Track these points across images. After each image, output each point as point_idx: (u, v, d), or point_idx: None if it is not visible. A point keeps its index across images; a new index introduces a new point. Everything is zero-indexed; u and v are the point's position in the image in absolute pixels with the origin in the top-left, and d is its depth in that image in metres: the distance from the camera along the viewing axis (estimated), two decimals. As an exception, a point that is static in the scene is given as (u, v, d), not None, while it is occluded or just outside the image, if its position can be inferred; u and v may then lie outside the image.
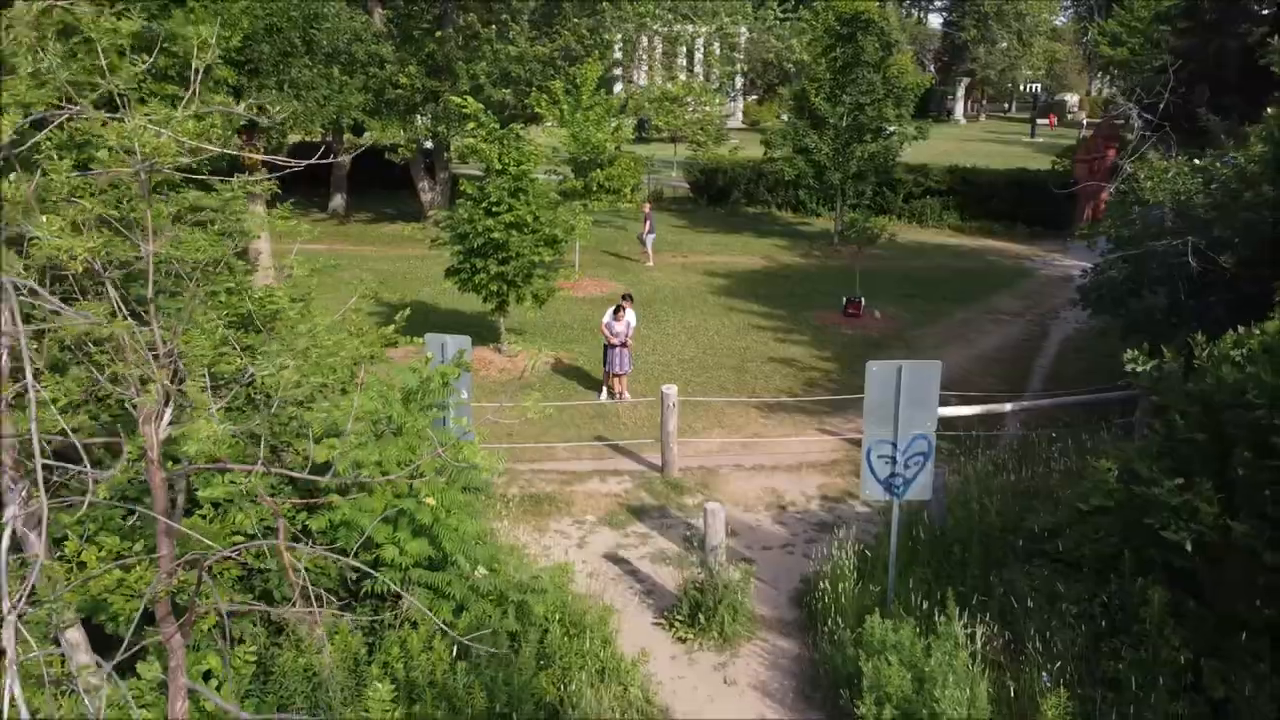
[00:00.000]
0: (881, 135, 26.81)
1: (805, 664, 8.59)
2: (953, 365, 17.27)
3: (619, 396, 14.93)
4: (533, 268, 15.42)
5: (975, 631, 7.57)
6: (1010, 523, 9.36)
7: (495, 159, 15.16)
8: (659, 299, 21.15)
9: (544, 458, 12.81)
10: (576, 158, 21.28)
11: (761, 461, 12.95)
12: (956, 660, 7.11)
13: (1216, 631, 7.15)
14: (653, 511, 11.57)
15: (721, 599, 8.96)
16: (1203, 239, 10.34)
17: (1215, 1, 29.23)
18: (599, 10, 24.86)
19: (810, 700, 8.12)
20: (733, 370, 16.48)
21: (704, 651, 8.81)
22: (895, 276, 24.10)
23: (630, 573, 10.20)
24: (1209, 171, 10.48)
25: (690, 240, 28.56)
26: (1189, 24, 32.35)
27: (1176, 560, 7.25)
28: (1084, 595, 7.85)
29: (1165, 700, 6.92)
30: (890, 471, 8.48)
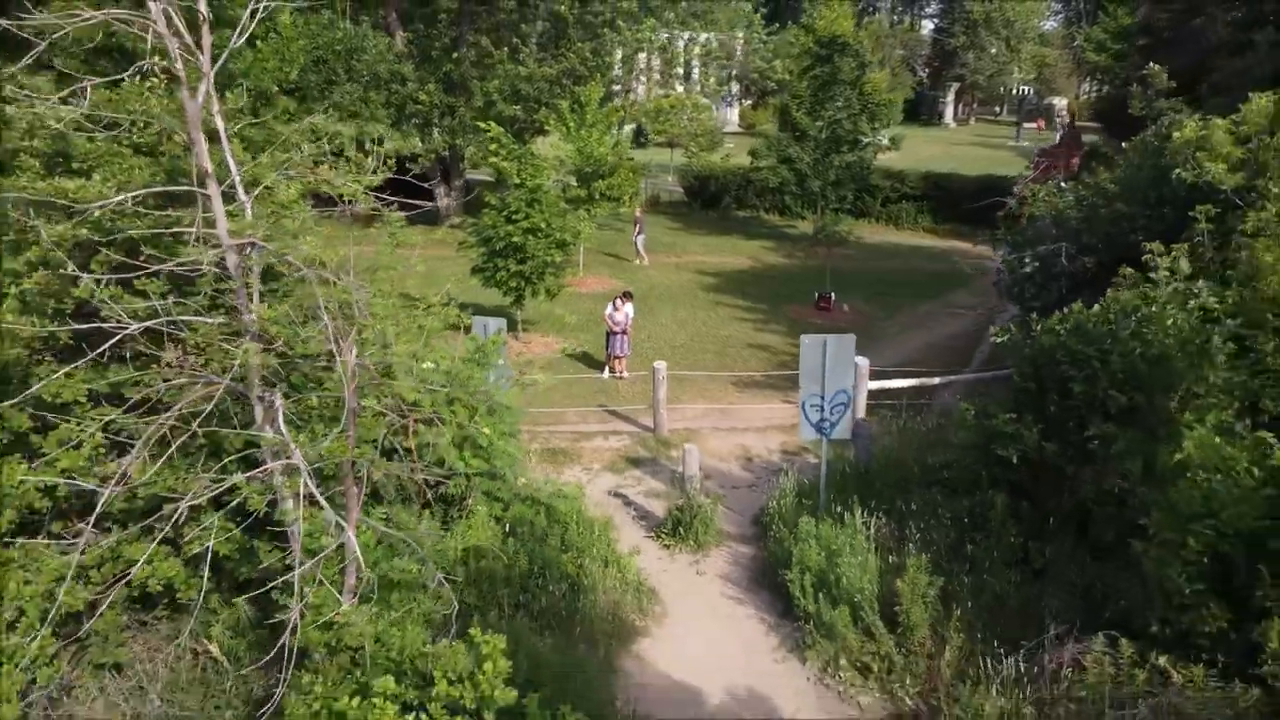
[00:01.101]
0: (858, 146, 29.97)
1: (758, 561, 11.79)
2: (909, 350, 20.54)
3: (619, 374, 18.12)
4: (546, 267, 18.60)
5: (873, 528, 10.76)
6: (916, 460, 12.57)
7: (515, 175, 18.35)
8: (654, 295, 24.32)
9: (558, 421, 15.99)
10: (581, 169, 24.44)
11: (735, 424, 16.15)
12: (855, 542, 10.32)
13: (1038, 522, 10.35)
14: (646, 461, 14.76)
15: (696, 516, 12.17)
16: (1074, 245, 13.56)
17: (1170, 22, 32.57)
18: (600, 34, 28.05)
19: (759, 583, 11.32)
20: (715, 354, 19.67)
21: (682, 554, 12.01)
22: (868, 275, 27.30)
23: (628, 504, 13.39)
24: (1076, 191, 13.69)
25: (684, 241, 31.76)
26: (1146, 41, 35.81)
27: (1013, 475, 10.47)
28: (956, 506, 11.05)
29: (1002, 570, 10.12)
30: (820, 417, 11.69)
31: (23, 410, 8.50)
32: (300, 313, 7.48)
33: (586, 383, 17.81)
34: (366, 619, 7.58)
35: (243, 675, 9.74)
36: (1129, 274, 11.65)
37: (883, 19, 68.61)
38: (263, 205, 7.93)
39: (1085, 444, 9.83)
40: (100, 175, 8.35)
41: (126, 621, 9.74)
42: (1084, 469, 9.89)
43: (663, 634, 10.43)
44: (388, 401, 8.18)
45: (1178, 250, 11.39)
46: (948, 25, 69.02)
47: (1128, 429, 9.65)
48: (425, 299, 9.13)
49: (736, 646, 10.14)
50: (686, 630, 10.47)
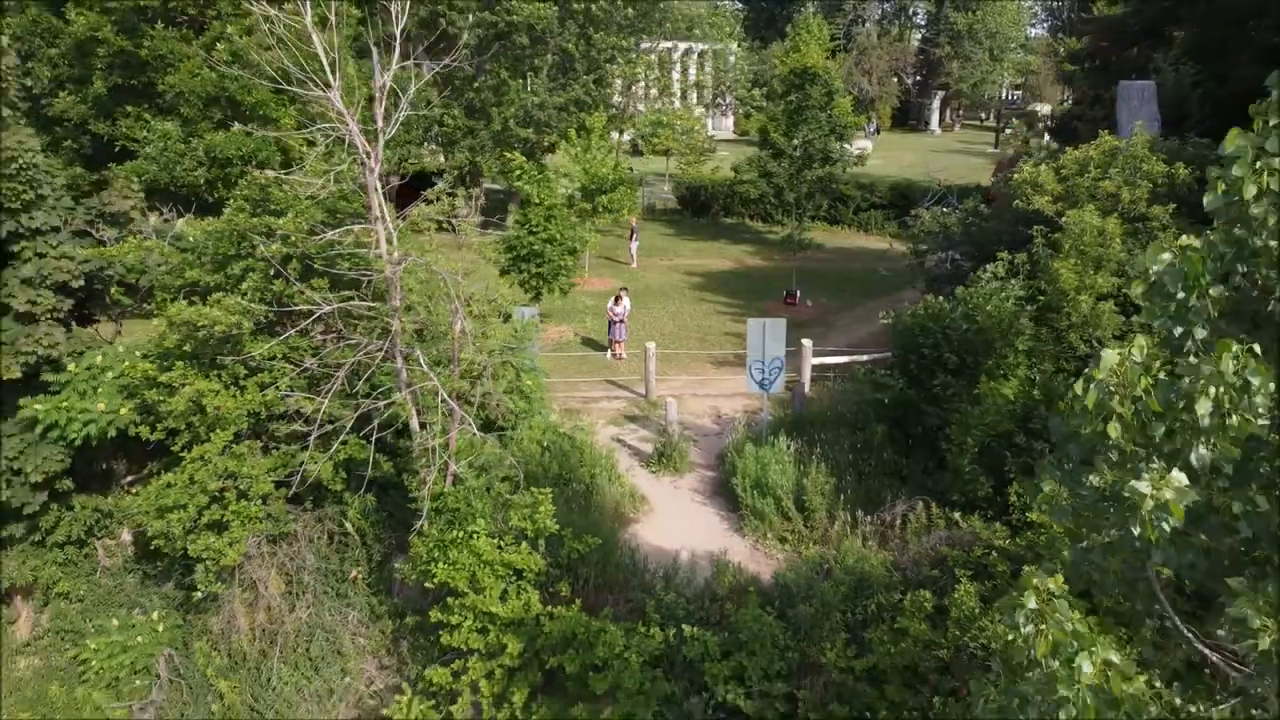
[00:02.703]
0: (829, 162, 35.29)
1: (718, 481, 17.11)
2: (855, 337, 25.78)
3: (618, 355, 23.43)
4: (559, 270, 23.90)
5: (793, 450, 16.09)
6: (831, 409, 17.90)
7: (535, 196, 23.70)
8: (648, 293, 29.61)
9: (571, 389, 21.27)
10: (586, 186, 29.74)
11: (710, 392, 21.45)
12: (781, 458, 15.65)
13: (906, 443, 15.69)
14: (639, 418, 20.06)
15: (674, 450, 17.49)
16: (956, 250, 18.91)
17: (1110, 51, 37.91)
18: (602, 68, 33.38)
19: (718, 493, 16.66)
20: (698, 340, 24.97)
21: (664, 477, 17.33)
22: (835, 275, 32.61)
23: (625, 446, 18.69)
24: (963, 212, 19.07)
25: (675, 246, 37.09)
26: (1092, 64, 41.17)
27: (888, 413, 15.81)
28: (853, 436, 16.37)
29: (880, 476, 15.44)
30: (761, 377, 17.03)
31: (239, 362, 13.82)
32: (427, 299, 12.83)
33: (593, 361, 23.15)
34: (464, 487, 12.91)
35: (366, 544, 15.10)
36: (984, 273, 16.99)
37: (871, 30, 73.96)
38: (403, 234, 13.30)
39: (933, 390, 15.16)
40: (291, 213, 13.69)
41: (289, 508, 15.03)
42: (932, 407, 15.21)
43: (650, 522, 15.77)
44: (473, 355, 13.56)
45: (1017, 257, 16.71)
46: (933, 35, 74.34)
47: (959, 379, 14.98)
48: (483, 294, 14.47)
49: (699, 528, 15.48)
50: (666, 520, 15.81)
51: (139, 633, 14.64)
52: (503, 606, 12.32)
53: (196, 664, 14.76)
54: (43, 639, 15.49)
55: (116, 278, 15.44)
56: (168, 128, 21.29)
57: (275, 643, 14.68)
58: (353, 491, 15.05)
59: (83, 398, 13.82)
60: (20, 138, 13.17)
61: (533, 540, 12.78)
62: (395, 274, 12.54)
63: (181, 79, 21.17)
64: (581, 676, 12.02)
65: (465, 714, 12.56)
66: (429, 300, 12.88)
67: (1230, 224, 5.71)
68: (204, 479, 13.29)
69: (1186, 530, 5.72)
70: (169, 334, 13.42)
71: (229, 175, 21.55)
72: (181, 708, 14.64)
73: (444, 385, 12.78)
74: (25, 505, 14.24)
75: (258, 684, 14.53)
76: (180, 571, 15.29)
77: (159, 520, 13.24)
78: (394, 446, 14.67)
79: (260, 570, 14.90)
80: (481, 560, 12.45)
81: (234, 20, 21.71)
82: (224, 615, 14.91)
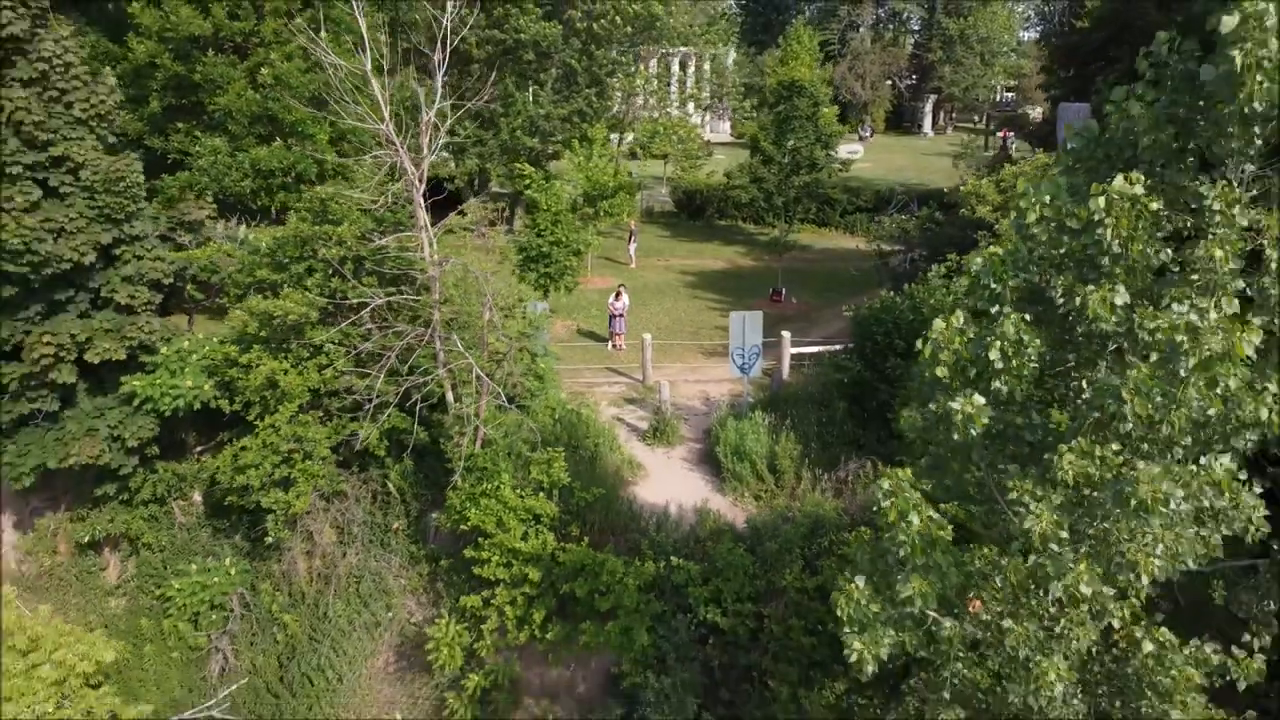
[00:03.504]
0: (815, 168, 38.40)
1: (705, 451, 20.20)
2: (833, 329, 28.78)
3: (619, 346, 26.52)
4: (565, 269, 26.97)
5: (767, 423, 19.17)
6: (803, 389, 20.98)
7: (543, 203, 26.78)
8: (646, 290, 32.68)
9: (576, 375, 24.34)
10: (588, 192, 32.82)
11: (700, 379, 24.53)
12: (757, 430, 18.75)
13: (863, 416, 18.77)
14: (637, 400, 23.14)
15: (666, 426, 20.58)
16: (915, 252, 22.01)
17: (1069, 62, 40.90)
18: (602, 81, 36.47)
19: (704, 462, 19.76)
20: (690, 333, 28.05)
21: (658, 449, 20.43)
22: (820, 274, 35.68)
23: (624, 423, 21.77)
24: (921, 216, 22.17)
25: (672, 247, 40.19)
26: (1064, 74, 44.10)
27: (849, 390, 18.90)
28: (819, 412, 19.45)
29: (840, 444, 18.54)
30: (742, 361, 20.12)
31: (303, 346, 16.90)
32: (460, 293, 15.93)
33: (595, 351, 26.25)
34: (492, 448, 16.00)
35: (405, 501, 18.18)
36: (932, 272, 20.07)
37: (865, 35, 77.07)
38: (440, 239, 16.40)
39: (885, 371, 18.24)
40: (348, 222, 16.77)
41: (340, 471, 18.10)
42: (884, 385, 18.29)
43: (645, 484, 18.86)
44: (498, 340, 16.65)
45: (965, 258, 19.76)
46: (926, 40, 77.43)
47: (907, 361, 18.05)
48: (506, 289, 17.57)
49: (687, 488, 18.57)
50: (659, 482, 18.89)
51: (214, 575, 17.71)
52: (524, 544, 15.40)
53: (263, 601, 17.88)
54: (130, 582, 18.59)
55: (192, 276, 18.54)
56: (217, 143, 24.38)
57: (329, 583, 17.78)
58: (394, 457, 18.13)
59: (173, 376, 16.91)
60: (128, 160, 16.28)
61: (548, 491, 15.87)
62: (436, 274, 15.64)
63: (229, 100, 24.27)
64: (589, 599, 15.11)
65: (493, 632, 15.64)
66: (462, 294, 16.00)
67: (1022, 239, 8.81)
68: (275, 443, 16.37)
69: (995, 439, 8.82)
70: (249, 322, 16.48)
71: (271, 185, 24.66)
72: (251, 637, 17.74)
73: (477, 364, 15.88)
74: (121, 467, 17.32)
75: (315, 617, 17.63)
76: (247, 525, 18.37)
77: (240, 475, 16.32)
78: (429, 419, 17.73)
79: (316, 523, 18.01)
80: (507, 507, 15.54)
81: (276, 47, 24.80)
82: (286, 561, 18.01)
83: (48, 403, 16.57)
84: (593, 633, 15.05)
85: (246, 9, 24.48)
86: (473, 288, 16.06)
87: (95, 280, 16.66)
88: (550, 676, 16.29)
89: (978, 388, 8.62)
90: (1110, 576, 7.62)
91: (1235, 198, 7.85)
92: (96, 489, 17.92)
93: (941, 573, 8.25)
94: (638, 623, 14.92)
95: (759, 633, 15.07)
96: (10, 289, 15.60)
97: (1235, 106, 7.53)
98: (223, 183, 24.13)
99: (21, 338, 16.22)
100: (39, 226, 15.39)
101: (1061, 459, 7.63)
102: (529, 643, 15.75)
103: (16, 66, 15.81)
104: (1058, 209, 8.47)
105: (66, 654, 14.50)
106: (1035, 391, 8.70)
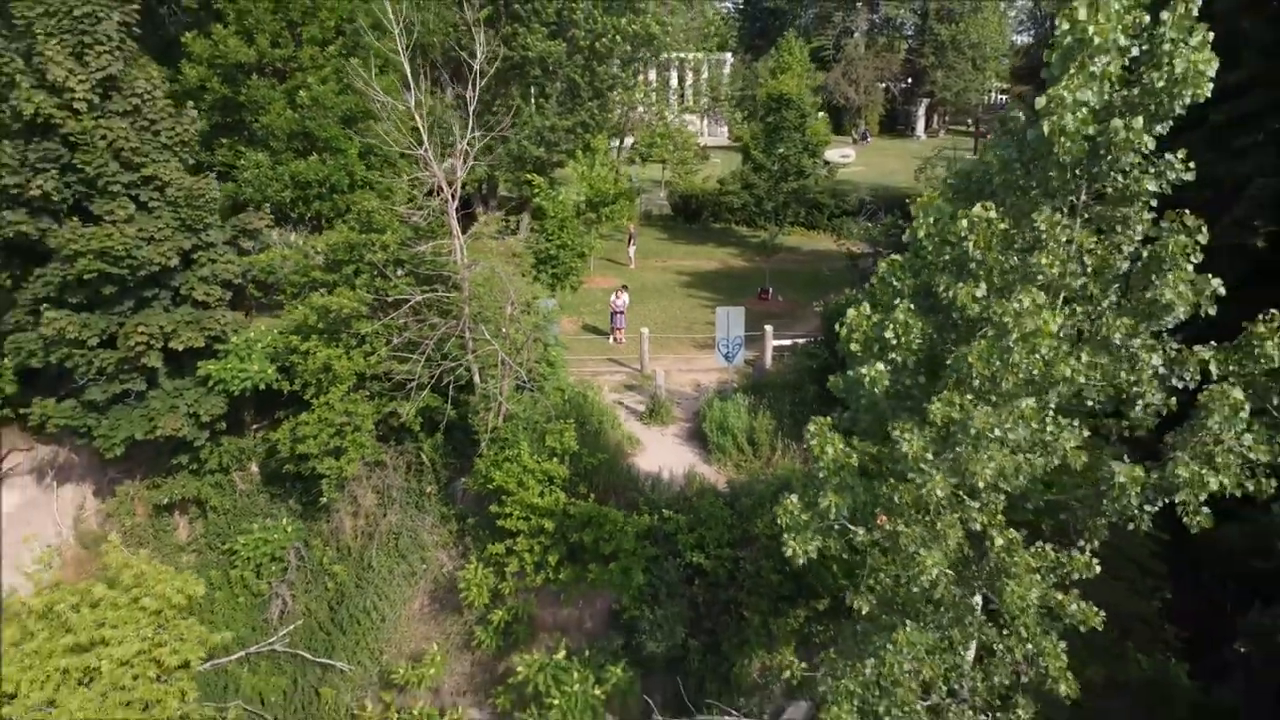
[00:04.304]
0: (802, 175, 41.84)
1: (694, 430, 23.65)
2: (813, 326, 32.21)
3: (619, 340, 29.96)
4: (570, 270, 30.41)
5: (746, 403, 22.62)
6: (779, 375, 24.42)
7: (551, 211, 30.23)
8: (644, 289, 36.11)
9: (581, 365, 27.78)
10: (591, 199, 36.25)
11: (692, 369, 27.96)
12: (738, 409, 22.20)
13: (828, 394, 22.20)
14: (635, 387, 26.58)
15: (661, 408, 24.03)
16: (881, 254, 25.43)
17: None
18: (604, 95, 39.92)
19: (694, 438, 23.22)
20: (685, 328, 31.48)
21: (654, 427, 23.88)
22: (806, 274, 39.10)
23: (624, 406, 25.22)
24: (886, 222, 25.59)
25: (669, 249, 43.63)
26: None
27: (816, 374, 22.33)
28: (791, 394, 22.88)
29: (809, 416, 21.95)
30: (726, 351, 23.57)
31: (350, 337, 20.35)
32: (488, 290, 19.38)
33: (598, 343, 29.68)
34: (513, 421, 19.45)
35: (436, 470, 21.62)
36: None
37: (859, 41, 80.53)
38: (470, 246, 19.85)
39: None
40: (390, 231, 20.21)
41: (380, 445, 21.55)
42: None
43: (642, 455, 22.30)
44: (517, 332, 20.09)
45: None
46: (918, 46, 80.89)
47: (866, 349, 21.46)
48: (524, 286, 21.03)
49: (678, 459, 22.01)
50: (654, 454, 22.33)
51: (274, 532, 21.13)
52: (541, 500, 18.81)
53: (315, 555, 21.31)
54: (199, 540, 22.02)
55: (253, 277, 21.98)
56: (259, 157, 27.79)
57: (372, 539, 21.22)
58: (426, 432, 21.57)
59: (241, 361, 20.33)
60: (206, 180, 19.72)
61: (560, 456, 19.28)
62: (466, 275, 19.08)
63: (271, 118, 27.69)
64: (594, 546, 18.54)
65: (514, 575, 19.06)
66: (488, 291, 19.44)
67: (914, 250, 12.24)
68: (330, 418, 19.80)
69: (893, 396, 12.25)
70: (308, 315, 19.89)
71: (308, 195, 28.09)
72: (305, 585, 21.18)
73: (502, 349, 19.33)
74: (195, 439, 20.75)
75: (360, 567, 21.07)
76: (299, 491, 21.80)
77: (299, 445, 19.74)
78: (457, 399, 21.15)
79: (360, 488, 21.45)
80: (526, 469, 18.96)
81: (312, 71, 28.23)
82: (334, 520, 21.45)
83: (136, 384, 19.99)
84: (597, 573, 18.49)
85: (286, 38, 27.90)
86: (496, 286, 19.49)
87: (176, 280, 20.10)
88: (561, 614, 19.72)
89: (881, 359, 12.06)
90: (963, 484, 11.05)
91: (1055, 220, 11.26)
92: (172, 459, 21.36)
93: (852, 491, 11.68)
94: (635, 565, 18.35)
95: (735, 573, 18.50)
96: (110, 288, 19.01)
97: (1052, 159, 10.95)
98: (265, 193, 27.55)
99: (115, 329, 19.64)
100: (136, 235, 18.82)
101: (933, 407, 11.03)
102: (544, 585, 19.18)
103: (114, 101, 19.26)
104: (941, 227, 11.89)
105: (164, 588, 17.97)
106: (925, 361, 12.13)
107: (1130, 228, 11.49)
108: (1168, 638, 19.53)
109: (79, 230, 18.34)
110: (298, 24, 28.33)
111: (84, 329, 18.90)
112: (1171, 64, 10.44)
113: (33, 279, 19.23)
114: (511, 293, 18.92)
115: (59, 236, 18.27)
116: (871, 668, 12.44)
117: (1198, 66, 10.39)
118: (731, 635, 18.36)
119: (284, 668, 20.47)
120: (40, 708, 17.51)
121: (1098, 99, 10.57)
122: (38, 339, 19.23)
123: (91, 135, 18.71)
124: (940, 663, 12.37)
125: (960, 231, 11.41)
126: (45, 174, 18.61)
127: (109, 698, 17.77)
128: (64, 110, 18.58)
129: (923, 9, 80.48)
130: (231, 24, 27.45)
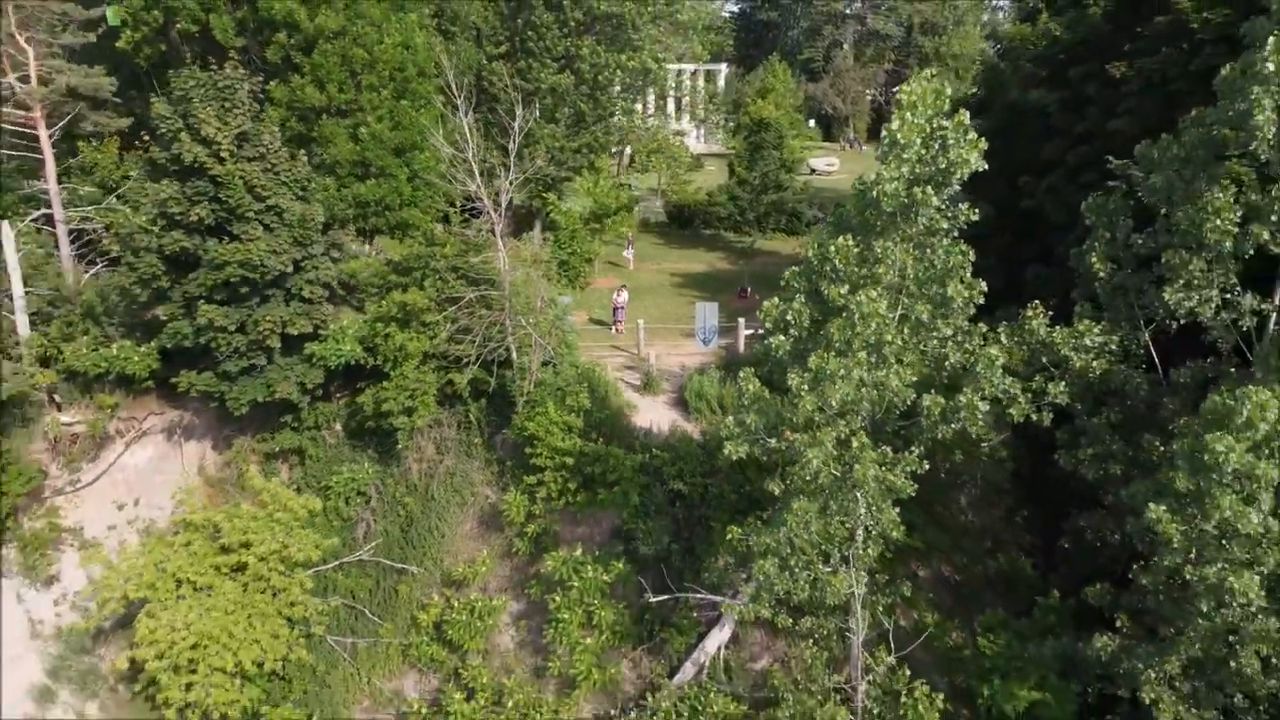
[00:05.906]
0: (781, 188, 49.85)
1: (679, 399, 31.66)
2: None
3: (620, 331, 37.96)
4: (578, 273, 38.39)
5: (719, 375, 30.59)
6: (752, 358, 32.36)
7: (562, 221, 38.25)
8: (641, 289, 44.02)
9: (588, 351, 35.68)
10: (595, 212, 44.19)
11: (680, 354, 35.90)
12: (714, 382, 30.19)
13: (781, 372, 30.24)
14: (633, 368, 34.54)
15: (653, 382, 32.07)
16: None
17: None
18: (606, 120, 47.93)
19: (680, 405, 31.33)
20: (675, 321, 39.41)
21: (648, 396, 31.93)
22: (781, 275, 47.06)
23: (624, 382, 33.20)
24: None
25: (664, 254, 51.61)
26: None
27: (773, 354, 30.36)
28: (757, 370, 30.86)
29: (767, 390, 30.01)
30: (703, 337, 31.63)
31: (419, 324, 28.37)
32: (524, 288, 27.40)
33: (602, 334, 37.71)
34: (542, 387, 27.52)
35: (481, 427, 29.65)
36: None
37: (848, 53, 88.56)
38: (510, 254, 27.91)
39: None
40: (448, 244, 28.19)
41: (438, 408, 29.53)
42: (795, 350, 29.66)
43: (638, 416, 30.30)
44: (544, 320, 28.16)
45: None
46: (903, 58, 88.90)
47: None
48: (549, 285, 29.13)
49: (666, 418, 30.01)
50: (647, 415, 30.31)
51: (358, 473, 29.08)
52: (562, 443, 26.73)
53: (389, 490, 29.28)
54: (299, 482, 29.95)
55: (340, 281, 29.98)
56: (326, 182, 35.72)
57: (433, 478, 29.19)
58: (473, 398, 29.50)
59: (337, 343, 28.27)
60: (313, 209, 27.72)
61: (576, 411, 27.24)
62: (507, 278, 27.07)
63: (337, 150, 35.63)
64: (602, 477, 26.51)
65: (543, 500, 27.01)
66: (524, 289, 27.40)
67: (808, 264, 20.18)
68: (404, 384, 27.73)
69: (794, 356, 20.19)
70: (389, 308, 27.79)
71: (366, 213, 36.07)
72: (384, 512, 29.16)
73: (536, 333, 27.32)
74: (299, 403, 28.67)
75: (425, 500, 29.06)
76: (376, 443, 29.73)
77: (383, 404, 27.65)
78: (498, 373, 29.00)
79: (424, 440, 29.42)
80: (551, 421, 26.89)
81: (370, 111, 36.18)
82: (404, 465, 29.43)
83: (259, 360, 27.93)
84: (605, 496, 26.45)
85: (349, 85, 35.88)
86: (530, 287, 27.43)
87: (289, 283, 28.06)
88: (578, 530, 27.65)
89: (784, 333, 20.00)
90: (827, 405, 18.98)
91: (887, 247, 19.16)
92: (280, 419, 29.30)
93: (766, 412, 19.59)
94: (632, 489, 26.31)
95: (705, 495, 26.44)
96: (246, 288, 26.96)
97: (881, 209, 18.86)
98: (333, 211, 35.54)
99: (244, 319, 27.55)
100: (265, 250, 26.77)
101: (810, 359, 18.92)
102: (565, 506, 27.12)
103: (246, 149, 27.22)
104: (821, 249, 19.83)
105: (293, 503, 26.00)
106: (811, 333, 20.04)
107: (935, 251, 19.48)
108: (1022, 542, 27.67)
109: (227, 245, 26.30)
110: (358, 73, 36.32)
111: (226, 318, 26.84)
112: (948, 154, 18.44)
113: (186, 280, 27.16)
114: (541, 291, 26.88)
115: (214, 251, 26.24)
116: (783, 532, 20.40)
117: (965, 155, 18.40)
118: (702, 540, 26.30)
119: (370, 573, 28.45)
120: (203, 590, 25.48)
121: (906, 176, 18.55)
122: (190, 326, 27.17)
123: (232, 176, 26.64)
124: (827, 526, 20.28)
125: (832, 252, 19.39)
126: (200, 204, 26.55)
127: (249, 586, 25.77)
128: (212, 158, 26.52)
129: (907, 22, 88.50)
130: (307, 74, 35.44)
